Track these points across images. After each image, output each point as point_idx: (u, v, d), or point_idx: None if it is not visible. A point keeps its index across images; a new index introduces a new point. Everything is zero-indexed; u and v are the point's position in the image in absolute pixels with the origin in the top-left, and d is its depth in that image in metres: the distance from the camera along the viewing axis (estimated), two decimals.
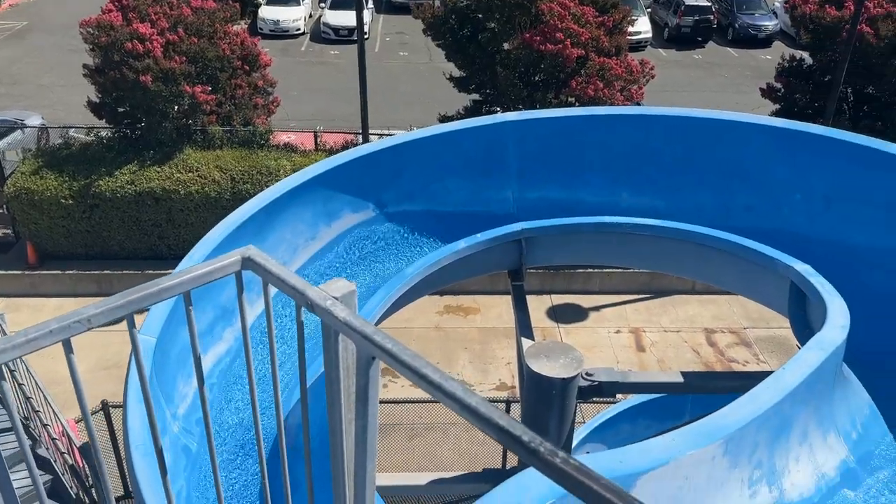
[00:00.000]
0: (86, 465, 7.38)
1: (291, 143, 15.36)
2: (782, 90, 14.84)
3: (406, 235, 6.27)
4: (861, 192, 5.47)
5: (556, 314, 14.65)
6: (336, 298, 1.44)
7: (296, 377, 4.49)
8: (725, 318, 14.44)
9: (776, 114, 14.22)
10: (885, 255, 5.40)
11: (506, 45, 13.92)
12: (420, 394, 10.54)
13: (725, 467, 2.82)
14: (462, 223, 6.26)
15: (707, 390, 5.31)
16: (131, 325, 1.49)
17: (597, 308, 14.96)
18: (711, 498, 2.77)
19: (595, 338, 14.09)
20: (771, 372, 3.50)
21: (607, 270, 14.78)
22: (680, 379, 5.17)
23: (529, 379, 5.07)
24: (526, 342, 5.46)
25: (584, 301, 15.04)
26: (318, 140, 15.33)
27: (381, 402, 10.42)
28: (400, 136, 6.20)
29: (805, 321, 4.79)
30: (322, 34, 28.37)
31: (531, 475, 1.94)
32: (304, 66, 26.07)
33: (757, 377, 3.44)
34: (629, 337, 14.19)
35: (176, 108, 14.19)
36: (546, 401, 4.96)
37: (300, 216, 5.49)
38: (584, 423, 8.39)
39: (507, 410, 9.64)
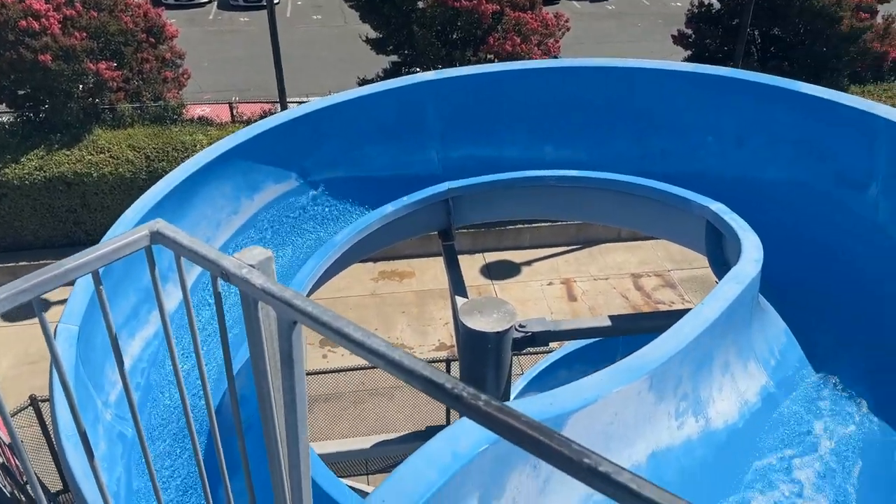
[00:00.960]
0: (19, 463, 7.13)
1: (206, 117, 14.85)
2: (693, 36, 15.19)
3: (332, 203, 6.20)
4: (770, 129, 5.68)
5: (489, 272, 14.83)
6: (252, 266, 1.41)
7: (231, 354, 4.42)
8: (650, 262, 14.92)
9: (688, 59, 14.58)
10: (793, 188, 5.66)
11: (420, 4, 13.74)
12: (361, 361, 10.58)
13: (652, 401, 2.95)
14: (388, 187, 6.23)
15: (635, 331, 5.49)
16: (39, 310, 1.43)
17: (528, 263, 15.22)
18: (641, 431, 2.89)
19: (528, 291, 14.36)
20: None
21: (537, 225, 15.01)
22: (608, 323, 5.34)
23: (465, 335, 5.14)
24: (460, 300, 5.51)
25: (516, 257, 15.27)
26: (235, 111, 14.89)
27: (323, 372, 10.39)
28: (318, 102, 6.08)
29: (722, 258, 5.00)
30: (230, 1, 27.33)
31: (462, 425, 1.99)
32: (213, 35, 25.10)
33: (680, 315, 3.58)
34: (561, 288, 14.52)
35: (80, 87, 13.48)
36: (482, 355, 5.04)
37: (220, 190, 5.35)
38: (522, 374, 8.60)
39: (447, 369, 9.77)
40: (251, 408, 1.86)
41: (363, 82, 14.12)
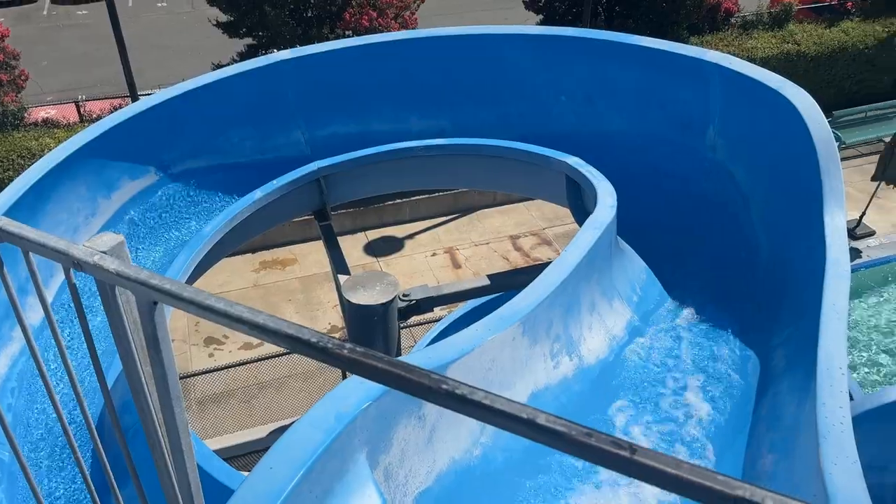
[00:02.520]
0: None
1: (52, 119, 13.84)
2: (542, 0, 15.68)
3: (200, 194, 6.03)
4: (614, 84, 6.03)
5: (373, 249, 14.85)
6: (104, 253, 1.41)
7: (107, 359, 4.27)
8: (526, 223, 15.45)
9: (541, 23, 15.05)
10: (641, 137, 6.05)
11: None
12: (250, 356, 10.33)
13: (527, 345, 3.13)
14: (257, 172, 6.12)
15: (512, 287, 5.73)
16: None
17: (411, 236, 15.36)
18: (519, 374, 3.07)
19: (413, 264, 14.52)
20: None
21: (414, 198, 15.14)
22: (487, 282, 5.54)
23: (350, 311, 5.19)
24: (342, 278, 5.54)
25: (398, 231, 15.36)
26: (82, 110, 13.97)
27: (211, 371, 10.09)
28: (169, 91, 5.85)
29: (583, 208, 5.30)
30: None
31: (344, 387, 2.06)
32: (50, 31, 23.29)
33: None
34: (445, 257, 14.78)
35: None
36: (369, 328, 5.12)
37: (74, 192, 5.07)
38: (414, 345, 8.77)
39: None
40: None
41: (218, 68, 13.61)
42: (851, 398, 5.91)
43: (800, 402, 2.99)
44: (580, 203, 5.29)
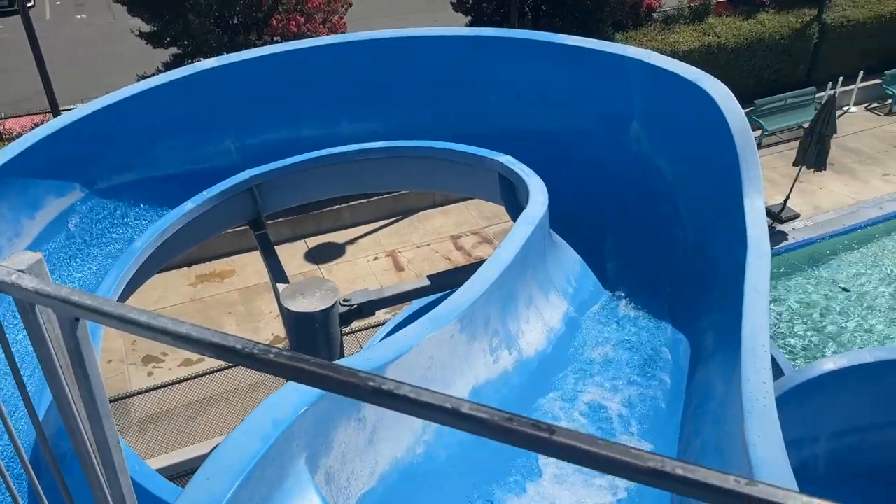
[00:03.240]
0: None
1: None
2: (470, 1, 15.83)
3: (128, 209, 5.88)
4: (542, 81, 6.15)
5: (314, 256, 14.72)
6: (21, 271, 1.38)
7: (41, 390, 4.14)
8: (466, 222, 15.57)
9: (469, 24, 15.19)
10: (571, 133, 6.19)
11: None
12: (189, 372, 10.11)
13: (465, 342, 3.18)
14: (188, 184, 6.01)
15: (453, 286, 5.78)
16: None
17: (352, 241, 15.28)
18: (459, 370, 3.12)
19: (356, 269, 14.46)
20: None
21: (353, 203, 15.08)
22: (428, 283, 5.58)
23: (291, 319, 5.15)
24: (281, 287, 5.49)
25: (339, 237, 15.27)
26: (1, 128, 13.43)
27: (150, 390, 9.85)
28: (93, 104, 5.69)
29: (517, 204, 5.38)
30: None
31: (281, 393, 2.06)
32: None
33: None
34: (387, 260, 14.76)
35: None
36: (311, 335, 5.09)
37: None
38: (360, 350, 8.74)
39: None
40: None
41: (143, 79, 13.28)
42: (783, 374, 6.18)
43: (727, 380, 3.12)
44: (514, 200, 5.38)
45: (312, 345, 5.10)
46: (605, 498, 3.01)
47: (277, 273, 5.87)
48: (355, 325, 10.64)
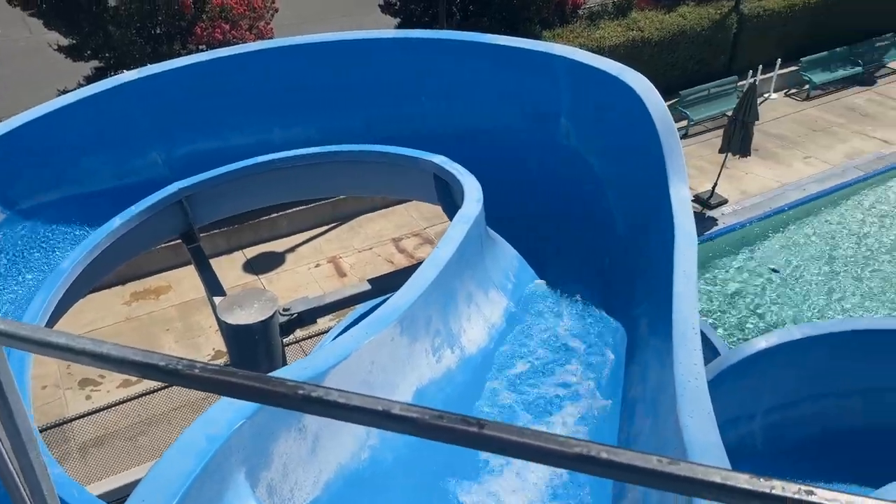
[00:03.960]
0: None
1: None
2: (398, 3, 15.82)
3: (55, 229, 5.67)
4: (473, 82, 6.20)
5: (253, 267, 14.48)
6: None
7: None
8: (407, 224, 15.56)
9: (398, 27, 15.18)
10: (504, 131, 6.26)
11: (111, 2, 12.71)
12: (129, 393, 9.81)
13: (407, 343, 3.19)
14: (117, 200, 5.83)
15: (394, 288, 5.77)
16: None
17: (291, 249, 15.08)
18: (402, 372, 3.12)
19: (297, 278, 14.28)
20: None
21: (291, 210, 14.88)
22: (368, 287, 5.57)
23: (229, 333, 5.06)
24: (218, 300, 5.39)
25: (278, 246, 15.05)
26: None
27: (89, 414, 9.52)
28: (10, 122, 5.48)
29: (453, 204, 5.42)
30: None
31: (215, 409, 2.02)
32: None
33: None
34: (329, 267, 14.62)
35: None
36: (251, 348, 5.01)
37: None
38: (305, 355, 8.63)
39: None
40: None
41: (64, 94, 12.81)
42: (719, 354, 6.39)
43: (661, 364, 3.22)
44: (450, 200, 5.41)
45: (253, 357, 5.02)
46: (549, 491, 3.07)
47: (213, 286, 5.76)
48: (299, 333, 10.51)
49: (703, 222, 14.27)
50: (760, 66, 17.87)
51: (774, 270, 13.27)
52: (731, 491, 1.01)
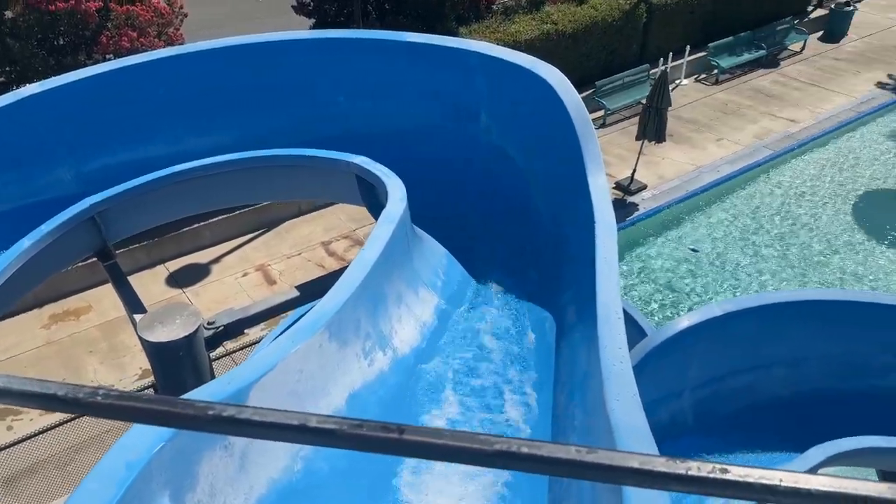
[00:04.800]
0: None
1: None
2: (311, 4, 15.61)
3: None
4: (390, 81, 6.16)
5: (177, 280, 14.05)
6: None
7: None
8: (336, 227, 15.41)
9: (313, 27, 14.98)
10: (426, 130, 6.25)
11: (9, 14, 12.09)
12: (55, 420, 9.40)
13: (336, 349, 3.14)
14: (27, 220, 5.54)
15: (324, 292, 5.69)
16: None
17: (216, 260, 14.72)
18: (332, 379, 3.08)
19: (225, 289, 13.94)
20: None
21: (213, 220, 14.51)
22: (296, 293, 5.47)
23: (153, 351, 4.88)
24: (138, 317, 5.19)
25: (202, 257, 14.65)
26: None
27: (11, 445, 9.07)
28: None
29: (379, 205, 5.38)
30: None
31: (131, 434, 1.94)
32: None
33: None
34: (257, 275, 14.34)
35: None
36: (176, 365, 4.85)
37: None
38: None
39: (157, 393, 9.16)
40: None
41: None
42: (646, 335, 6.57)
43: (588, 350, 3.28)
44: (375, 200, 5.37)
45: (179, 374, 4.86)
46: (491, 489, 3.08)
47: (133, 303, 5.55)
48: (230, 345, 10.26)
49: (626, 208, 14.66)
50: (671, 54, 18.46)
51: (694, 250, 13.75)
52: (649, 475, 1.03)
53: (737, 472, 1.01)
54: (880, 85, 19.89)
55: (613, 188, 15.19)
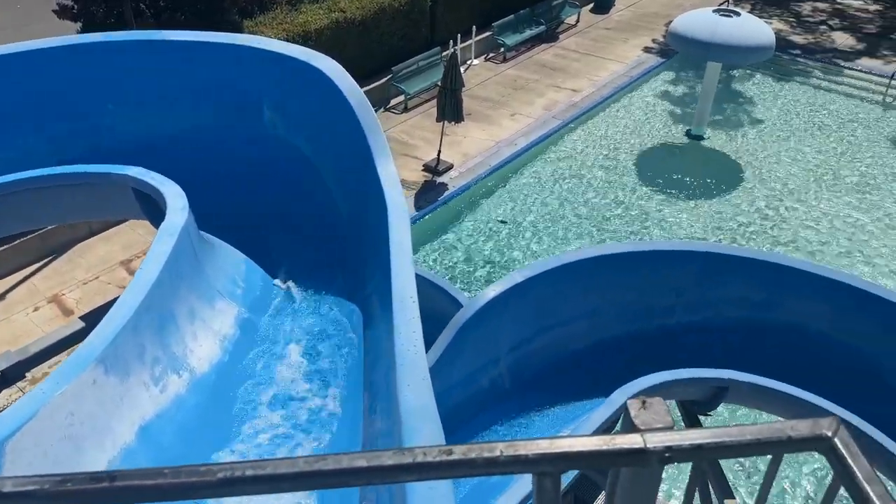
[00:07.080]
0: None
1: None
2: (75, 6, 14.28)
3: None
4: (158, 83, 5.77)
5: None
6: None
7: None
8: (135, 243, 14.31)
9: (80, 32, 13.69)
10: (205, 132, 5.92)
11: None
12: None
13: (116, 382, 2.89)
14: None
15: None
16: None
17: (1, 296, 13.14)
18: (116, 415, 2.83)
19: (14, 327, 12.47)
20: None
21: None
22: (82, 324, 5.00)
23: None
24: None
25: None
26: None
27: None
28: None
29: (162, 216, 5.03)
30: None
31: None
32: None
33: None
34: (51, 307, 12.97)
35: None
36: None
37: None
38: None
39: None
40: None
41: None
42: (462, 306, 6.75)
43: (389, 337, 3.29)
44: (158, 212, 5.01)
45: None
46: (305, 499, 3.01)
47: None
48: (21, 384, 9.23)
49: (436, 188, 14.99)
50: (459, 35, 19.02)
51: (502, 222, 14.38)
52: (378, 470, 1.02)
53: (459, 451, 1.03)
54: (647, 49, 21.88)
55: (422, 170, 15.45)
